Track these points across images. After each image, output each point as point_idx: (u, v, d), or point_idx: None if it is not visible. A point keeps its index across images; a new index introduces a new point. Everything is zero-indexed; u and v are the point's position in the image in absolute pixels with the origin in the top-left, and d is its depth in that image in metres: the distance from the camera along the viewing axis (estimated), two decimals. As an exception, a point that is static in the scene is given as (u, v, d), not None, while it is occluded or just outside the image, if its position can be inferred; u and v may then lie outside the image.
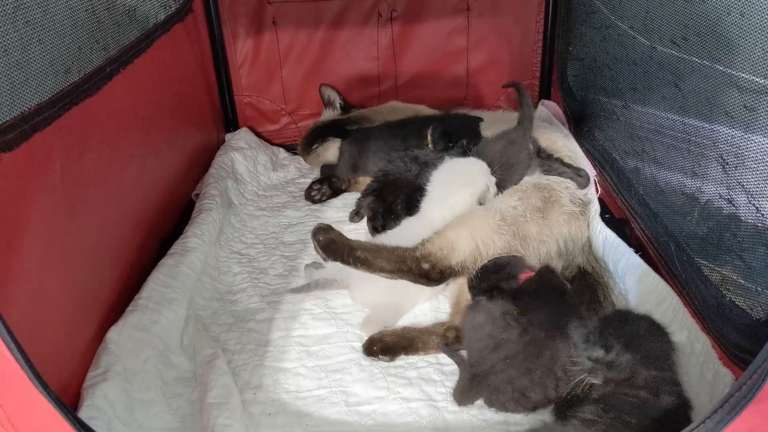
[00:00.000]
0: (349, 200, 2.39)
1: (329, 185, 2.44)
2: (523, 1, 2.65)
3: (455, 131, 2.17)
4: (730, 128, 1.37)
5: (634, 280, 1.64)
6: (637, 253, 1.68)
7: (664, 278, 1.57)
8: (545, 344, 1.42)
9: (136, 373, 1.44)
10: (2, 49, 1.16)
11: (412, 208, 2.03)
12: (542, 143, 2.06)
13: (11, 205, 1.18)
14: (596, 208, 1.87)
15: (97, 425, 1.06)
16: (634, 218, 1.81)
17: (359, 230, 2.18)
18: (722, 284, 1.40)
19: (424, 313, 1.78)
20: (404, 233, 1.81)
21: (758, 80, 1.26)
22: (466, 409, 1.46)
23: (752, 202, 1.30)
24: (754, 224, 1.31)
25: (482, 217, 1.73)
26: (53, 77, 1.36)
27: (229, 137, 2.72)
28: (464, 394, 1.45)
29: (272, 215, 2.33)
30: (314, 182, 2.46)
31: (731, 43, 1.32)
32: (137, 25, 1.87)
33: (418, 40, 2.73)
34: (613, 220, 1.89)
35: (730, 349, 1.31)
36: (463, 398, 1.45)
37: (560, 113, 2.48)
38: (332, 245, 1.67)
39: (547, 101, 2.63)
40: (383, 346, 1.62)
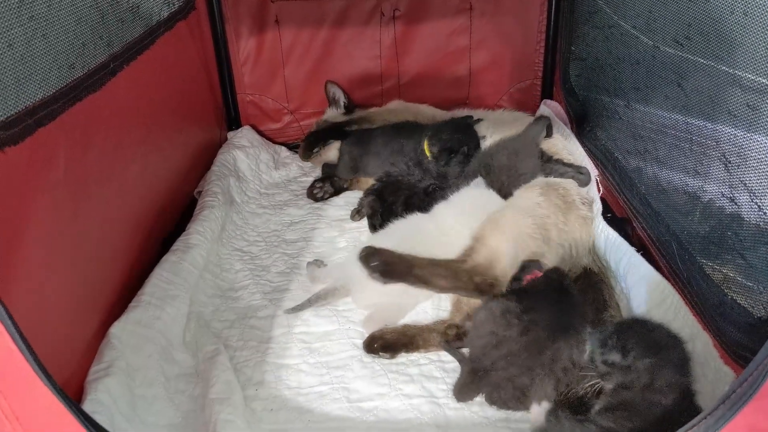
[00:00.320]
0: (351, 198, 2.39)
1: (331, 183, 2.45)
2: (525, 0, 2.65)
3: (453, 142, 2.17)
4: (732, 127, 1.37)
5: (635, 279, 1.64)
6: (638, 252, 1.68)
7: (665, 277, 1.57)
8: (547, 344, 1.42)
9: (138, 368, 1.45)
10: (7, 43, 1.17)
11: (411, 209, 2.04)
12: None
13: (15, 200, 1.18)
14: (598, 207, 1.88)
15: (99, 420, 1.06)
16: (636, 217, 1.81)
17: (361, 228, 2.18)
18: (724, 283, 1.40)
19: (425, 310, 1.78)
20: (409, 228, 1.81)
21: (761, 80, 1.26)
22: (467, 405, 1.46)
23: (754, 200, 1.30)
24: (756, 223, 1.31)
25: (518, 220, 1.70)
26: (57, 72, 1.36)
27: (231, 135, 2.73)
28: (464, 389, 1.46)
29: (274, 213, 2.34)
30: (316, 180, 2.47)
31: (734, 42, 1.32)
32: (141, 21, 1.87)
33: (420, 39, 2.73)
34: (615, 219, 1.89)
35: (731, 347, 1.31)
36: (462, 394, 1.46)
37: (562, 113, 2.48)
38: (389, 268, 1.60)
39: (549, 101, 2.64)
40: (384, 343, 1.62)
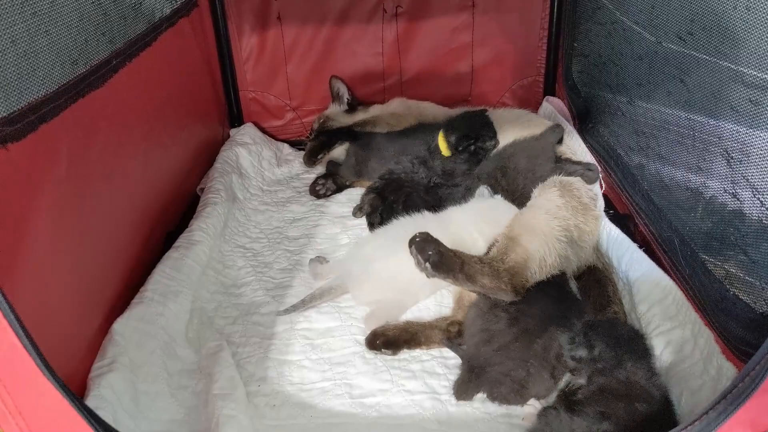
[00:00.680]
0: (353, 195, 2.39)
1: (333, 181, 2.45)
2: (527, -3, 2.65)
3: (471, 129, 2.16)
4: (735, 124, 1.37)
5: (638, 275, 1.64)
6: (641, 248, 1.68)
7: (668, 273, 1.57)
8: (537, 334, 1.45)
9: (141, 364, 1.45)
10: (10, 39, 1.17)
11: (412, 207, 2.04)
12: None
13: (19, 196, 1.19)
14: (601, 204, 1.87)
15: (103, 415, 1.07)
16: (638, 214, 1.81)
17: (363, 225, 2.18)
18: (726, 279, 1.40)
19: (427, 307, 1.78)
20: (414, 226, 1.82)
21: (764, 76, 1.26)
22: (469, 402, 1.47)
23: (757, 196, 1.30)
24: (758, 219, 1.30)
25: (548, 222, 1.68)
26: (60, 68, 1.37)
27: (233, 132, 2.73)
28: (463, 388, 1.46)
29: (277, 210, 2.34)
30: (319, 177, 2.47)
31: (737, 38, 1.32)
32: (143, 18, 1.87)
33: (422, 36, 2.73)
34: (617, 215, 1.89)
35: (733, 343, 1.31)
36: (461, 393, 1.46)
37: (564, 110, 2.48)
38: (442, 260, 1.52)
39: (551, 98, 2.63)
40: (386, 339, 1.62)
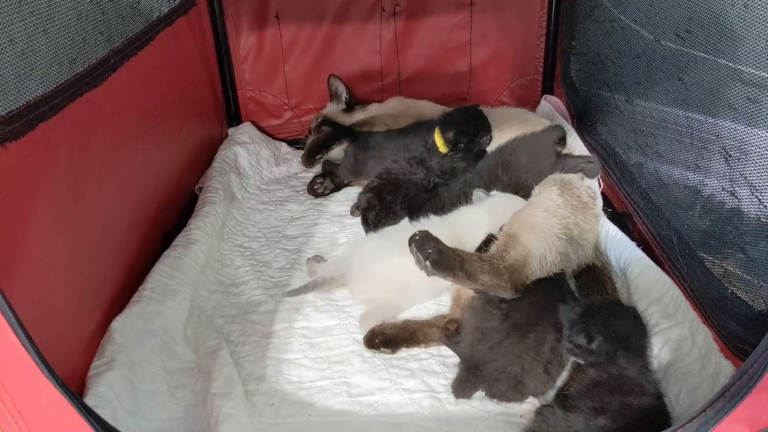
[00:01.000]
0: (351, 194, 2.39)
1: (331, 179, 2.45)
2: (526, -4, 2.65)
3: (467, 125, 2.15)
4: (733, 121, 1.37)
5: (636, 273, 1.64)
6: (639, 246, 1.68)
7: (666, 271, 1.58)
8: (529, 328, 1.45)
9: (140, 363, 1.45)
10: (8, 38, 1.17)
11: (412, 208, 2.04)
12: None
13: (17, 195, 1.18)
14: (599, 202, 1.88)
15: (102, 413, 1.07)
16: (636, 212, 1.81)
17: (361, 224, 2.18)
18: (724, 277, 1.40)
19: (426, 305, 1.78)
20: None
21: (762, 73, 1.26)
22: (467, 400, 1.47)
23: (755, 194, 1.30)
24: (756, 217, 1.31)
25: (547, 220, 1.68)
26: (58, 68, 1.37)
27: (232, 131, 2.73)
28: (460, 386, 1.47)
29: (275, 209, 2.34)
30: (317, 176, 2.47)
31: (735, 36, 1.32)
32: (141, 17, 1.87)
33: (421, 35, 2.73)
34: (615, 214, 1.90)
35: (731, 341, 1.31)
36: (459, 391, 1.47)
37: (563, 108, 2.48)
38: (442, 258, 1.51)
39: (549, 96, 2.63)
40: (384, 338, 1.62)
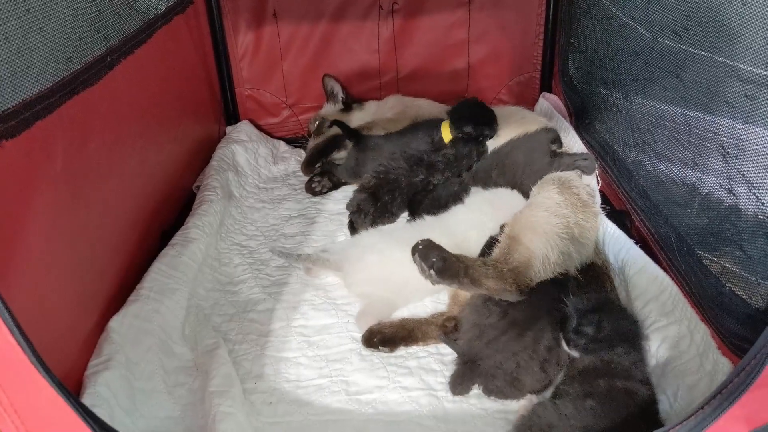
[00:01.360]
0: (349, 193, 2.37)
1: (329, 178, 2.44)
2: (523, -6, 2.64)
3: (477, 115, 2.17)
4: (730, 119, 1.37)
5: (634, 271, 1.64)
6: (637, 244, 1.68)
7: (664, 269, 1.58)
8: (528, 326, 1.46)
9: (137, 362, 1.45)
10: (4, 36, 1.17)
11: (411, 208, 2.04)
12: None
13: (14, 193, 1.18)
14: (597, 200, 1.88)
15: (99, 413, 1.07)
16: (634, 210, 1.81)
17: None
18: (722, 275, 1.40)
19: (424, 303, 1.78)
20: (416, 230, 1.82)
21: (759, 71, 1.26)
22: (465, 398, 1.47)
23: (752, 192, 1.30)
24: (754, 214, 1.31)
25: (549, 220, 1.67)
26: (54, 66, 1.36)
27: (230, 130, 2.73)
28: (457, 382, 1.47)
29: (273, 207, 2.34)
30: (315, 175, 2.46)
31: (732, 33, 1.32)
32: (138, 15, 1.87)
33: (419, 33, 2.72)
34: (613, 212, 1.89)
35: (729, 338, 1.31)
36: (456, 387, 1.47)
37: (561, 106, 2.48)
38: (446, 265, 1.51)
39: (548, 94, 2.64)
40: (383, 337, 1.62)
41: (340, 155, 2.50)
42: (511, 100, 2.80)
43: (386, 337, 1.62)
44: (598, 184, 1.93)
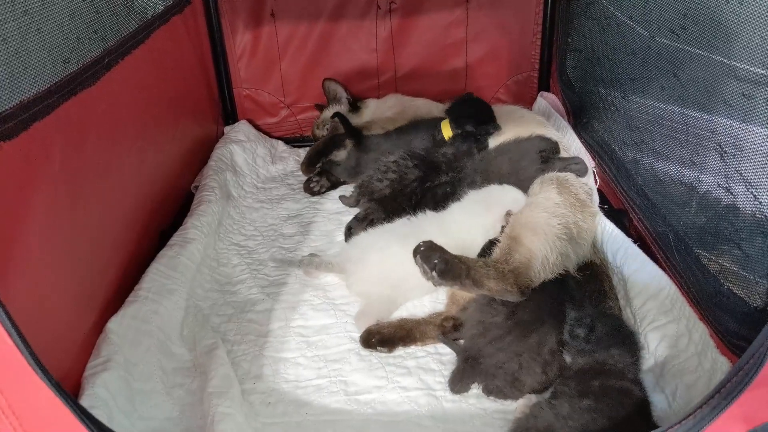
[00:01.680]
0: (347, 192, 2.38)
1: (328, 177, 2.44)
2: (521, -7, 2.64)
3: (473, 110, 2.19)
4: (728, 118, 1.37)
5: (632, 270, 1.64)
6: (635, 243, 1.68)
7: (662, 268, 1.58)
8: (532, 327, 1.46)
9: (136, 363, 1.45)
10: (1, 38, 1.16)
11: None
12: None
13: (12, 194, 1.18)
14: (596, 199, 1.88)
15: (97, 414, 1.06)
16: (632, 209, 1.81)
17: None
18: (720, 273, 1.40)
19: (423, 303, 1.78)
20: (415, 225, 1.82)
21: (756, 70, 1.26)
22: (464, 398, 1.47)
23: (750, 191, 1.30)
24: (752, 213, 1.31)
25: (548, 220, 1.67)
26: (52, 67, 1.36)
27: (228, 130, 2.72)
28: (457, 379, 1.47)
29: (271, 207, 2.34)
30: (313, 175, 2.46)
31: (730, 32, 1.32)
32: (135, 16, 1.87)
33: (417, 32, 2.72)
34: (611, 210, 1.90)
35: (727, 337, 1.31)
36: (456, 384, 1.47)
37: (559, 105, 2.48)
38: (448, 267, 1.51)
39: (546, 93, 2.63)
40: (381, 337, 1.62)
41: (339, 155, 2.50)
42: (509, 99, 2.80)
43: (384, 337, 1.62)
44: (596, 183, 1.93)
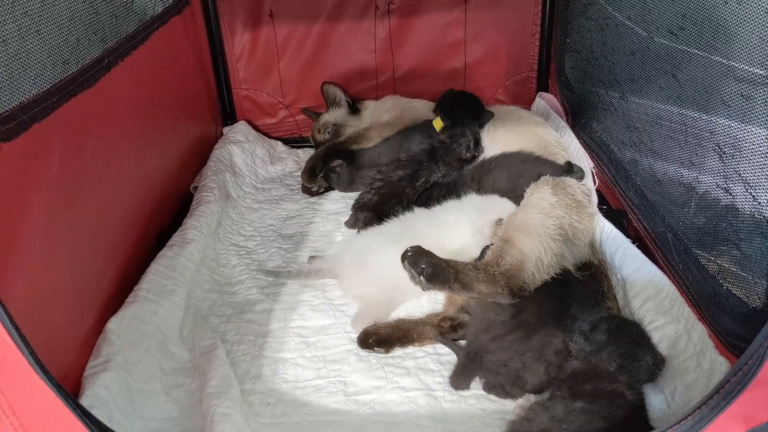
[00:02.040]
0: (346, 194, 2.39)
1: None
2: (520, -7, 2.64)
3: (458, 102, 2.26)
4: (726, 118, 1.37)
5: (631, 270, 1.64)
6: (634, 243, 1.68)
7: (661, 268, 1.58)
8: (537, 329, 1.46)
9: (135, 363, 1.45)
10: (1, 39, 1.17)
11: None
12: (533, 142, 2.09)
13: (11, 195, 1.18)
14: (594, 199, 1.88)
15: (97, 414, 1.06)
16: (631, 209, 1.82)
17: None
18: (719, 274, 1.40)
19: (421, 304, 1.78)
20: (406, 225, 1.83)
21: (755, 70, 1.26)
22: (463, 398, 1.47)
23: (749, 191, 1.30)
24: (750, 214, 1.31)
25: (542, 221, 1.66)
26: (51, 68, 1.36)
27: (227, 130, 2.73)
28: (458, 374, 1.47)
29: (270, 208, 2.34)
30: (313, 175, 2.46)
31: (728, 32, 1.32)
32: (135, 17, 1.87)
33: (415, 32, 2.72)
34: (610, 211, 1.90)
35: (726, 337, 1.31)
36: (457, 379, 1.47)
37: (558, 106, 2.48)
38: (436, 271, 1.52)
39: (545, 94, 2.63)
40: (378, 338, 1.62)
41: (339, 162, 2.49)
42: (507, 99, 2.80)
43: (381, 338, 1.62)
44: (594, 183, 1.93)
